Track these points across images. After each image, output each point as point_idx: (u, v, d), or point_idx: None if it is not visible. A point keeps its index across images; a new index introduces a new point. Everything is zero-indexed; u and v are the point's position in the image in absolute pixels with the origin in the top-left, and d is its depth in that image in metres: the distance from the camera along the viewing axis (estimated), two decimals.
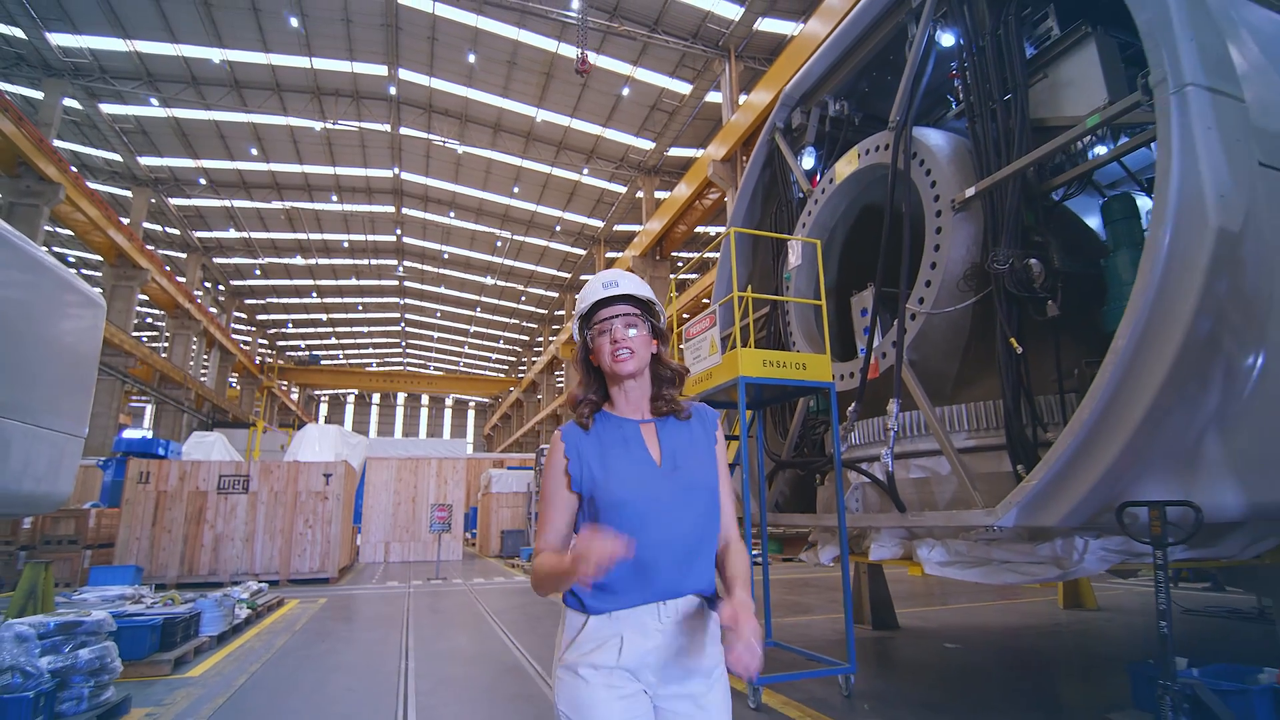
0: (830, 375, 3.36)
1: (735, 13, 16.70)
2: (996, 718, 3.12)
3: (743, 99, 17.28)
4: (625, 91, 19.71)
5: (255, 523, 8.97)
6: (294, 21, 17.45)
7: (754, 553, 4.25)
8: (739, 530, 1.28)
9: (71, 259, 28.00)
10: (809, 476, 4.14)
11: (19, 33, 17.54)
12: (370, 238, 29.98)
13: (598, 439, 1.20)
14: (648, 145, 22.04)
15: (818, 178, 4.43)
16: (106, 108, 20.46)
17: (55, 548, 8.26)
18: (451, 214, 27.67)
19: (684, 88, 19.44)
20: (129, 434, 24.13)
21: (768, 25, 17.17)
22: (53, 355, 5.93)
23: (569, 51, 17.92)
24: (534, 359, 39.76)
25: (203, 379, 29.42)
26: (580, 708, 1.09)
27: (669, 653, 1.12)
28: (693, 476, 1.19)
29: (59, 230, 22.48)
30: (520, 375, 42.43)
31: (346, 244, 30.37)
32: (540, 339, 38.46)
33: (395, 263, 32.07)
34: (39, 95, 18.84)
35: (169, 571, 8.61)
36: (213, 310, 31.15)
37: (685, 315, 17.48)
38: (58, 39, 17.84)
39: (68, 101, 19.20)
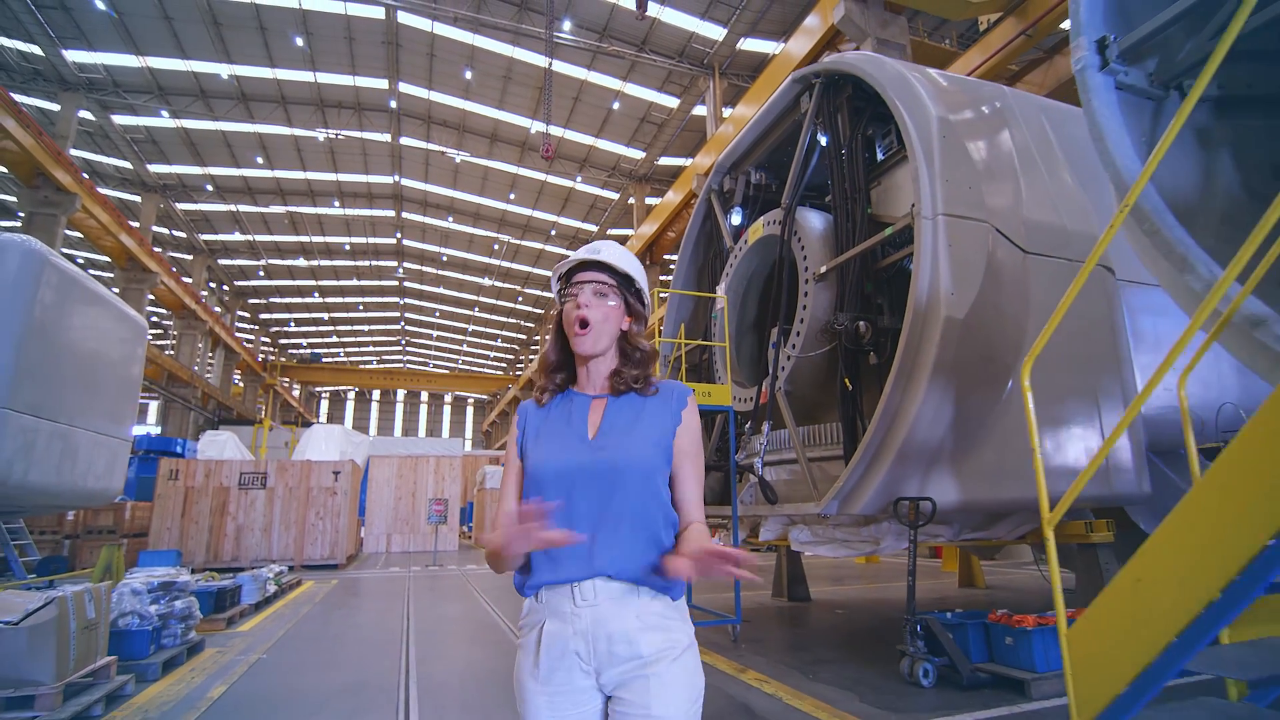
0: (729, 400, 4.41)
1: (719, 34, 17.58)
2: (827, 650, 4.20)
3: (727, 112, 18.26)
4: (616, 105, 20.61)
5: (272, 515, 10.04)
6: (299, 41, 18.35)
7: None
8: (702, 517, 1.16)
9: (80, 260, 28.86)
10: (728, 475, 5.18)
11: (37, 50, 18.39)
12: (371, 240, 30.93)
13: (546, 413, 1.17)
14: (638, 155, 22.96)
15: (744, 231, 5.46)
16: (119, 119, 21.32)
17: (96, 537, 9.32)
18: (450, 218, 28.60)
19: (672, 102, 20.32)
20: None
21: (750, 45, 18.03)
22: (110, 373, 7.02)
23: (561, 67, 18.85)
24: (531, 357, 40.75)
25: (208, 377, 30.31)
26: (520, 697, 1.07)
27: (595, 639, 1.04)
28: (623, 454, 1.09)
29: (68, 233, 23.33)
30: (518, 373, 43.42)
31: (348, 246, 31.30)
32: (537, 338, 39.46)
33: (395, 264, 33.01)
34: (55, 108, 19.67)
35: (196, 557, 9.66)
36: (217, 310, 32.01)
37: None
38: (74, 55, 18.66)
39: (82, 113, 20.06)
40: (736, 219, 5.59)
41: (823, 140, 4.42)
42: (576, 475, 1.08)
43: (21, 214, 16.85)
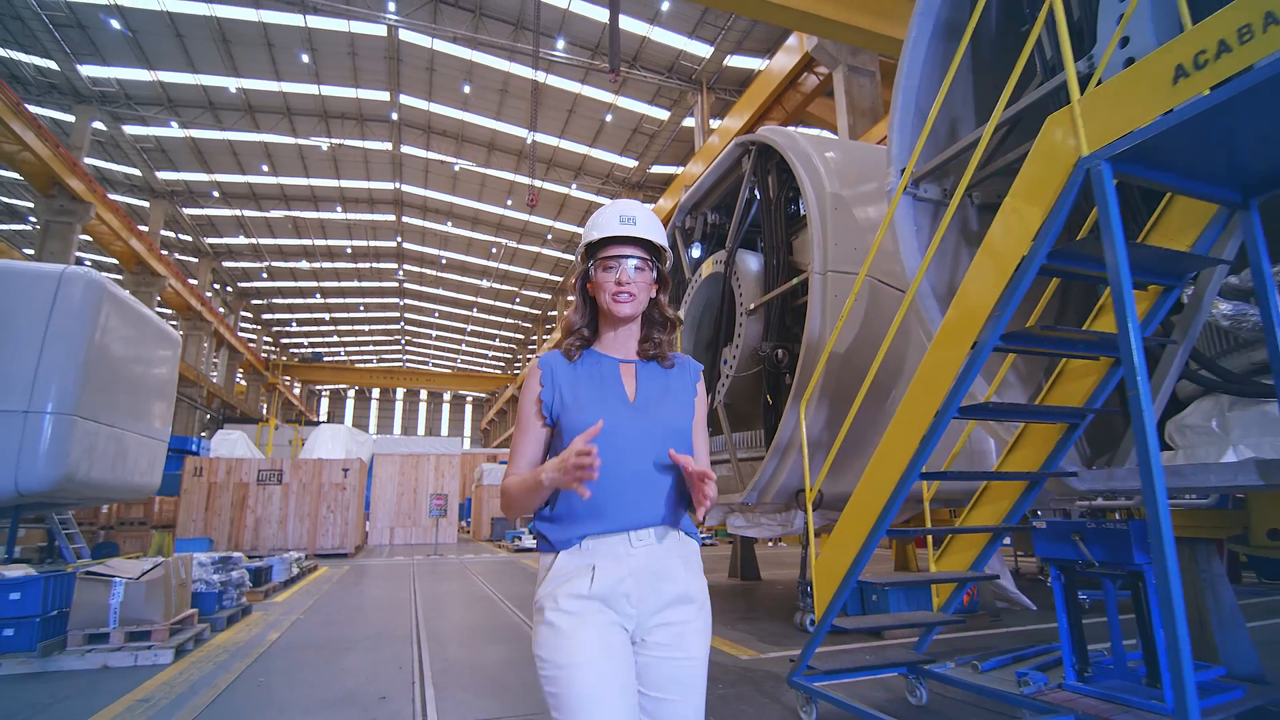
0: None
1: (706, 51, 18.44)
2: (752, 612, 5.18)
3: (715, 124, 19.17)
4: (609, 117, 21.48)
5: (288, 508, 11.00)
6: (305, 56, 19.18)
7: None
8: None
9: (88, 262, 29.62)
10: None
11: (53, 64, 19.20)
12: (372, 243, 31.76)
13: (574, 370, 1.20)
14: (631, 163, 23.83)
15: (701, 265, 6.40)
16: (129, 129, 22.07)
17: (129, 528, 10.26)
18: (449, 223, 29.44)
19: (662, 114, 21.19)
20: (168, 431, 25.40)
21: (736, 61, 18.89)
22: (151, 382, 8.01)
23: (556, 82, 19.76)
24: (529, 357, 41.62)
25: (212, 376, 31.09)
26: (555, 647, 1.07)
27: (645, 578, 1.11)
28: (664, 418, 1.18)
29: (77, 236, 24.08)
30: (515, 372, 44.27)
31: (349, 249, 32.13)
32: (534, 338, 40.34)
33: (395, 266, 33.84)
34: (70, 119, 20.45)
35: (218, 546, 10.61)
36: (221, 310, 32.77)
37: None
38: (88, 70, 19.42)
39: (94, 124, 20.81)
40: (696, 252, 6.53)
41: (758, 195, 5.36)
42: (630, 436, 1.15)
43: (35, 220, 17.54)
